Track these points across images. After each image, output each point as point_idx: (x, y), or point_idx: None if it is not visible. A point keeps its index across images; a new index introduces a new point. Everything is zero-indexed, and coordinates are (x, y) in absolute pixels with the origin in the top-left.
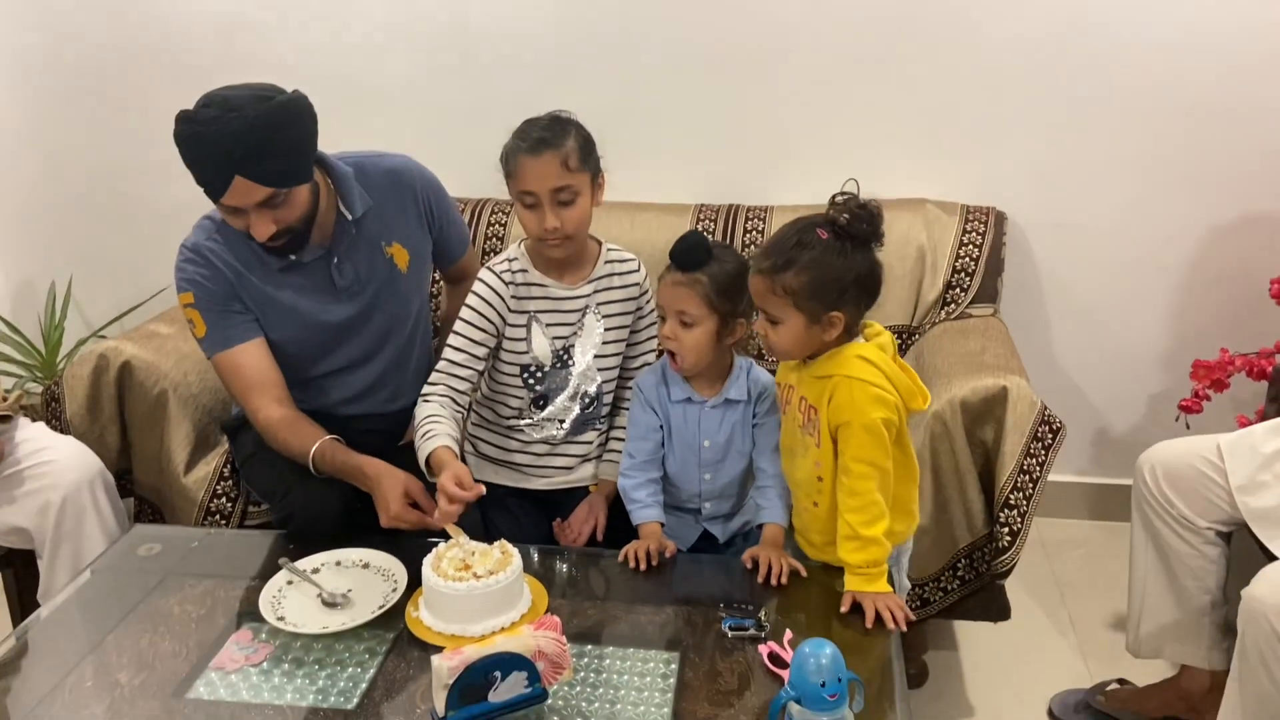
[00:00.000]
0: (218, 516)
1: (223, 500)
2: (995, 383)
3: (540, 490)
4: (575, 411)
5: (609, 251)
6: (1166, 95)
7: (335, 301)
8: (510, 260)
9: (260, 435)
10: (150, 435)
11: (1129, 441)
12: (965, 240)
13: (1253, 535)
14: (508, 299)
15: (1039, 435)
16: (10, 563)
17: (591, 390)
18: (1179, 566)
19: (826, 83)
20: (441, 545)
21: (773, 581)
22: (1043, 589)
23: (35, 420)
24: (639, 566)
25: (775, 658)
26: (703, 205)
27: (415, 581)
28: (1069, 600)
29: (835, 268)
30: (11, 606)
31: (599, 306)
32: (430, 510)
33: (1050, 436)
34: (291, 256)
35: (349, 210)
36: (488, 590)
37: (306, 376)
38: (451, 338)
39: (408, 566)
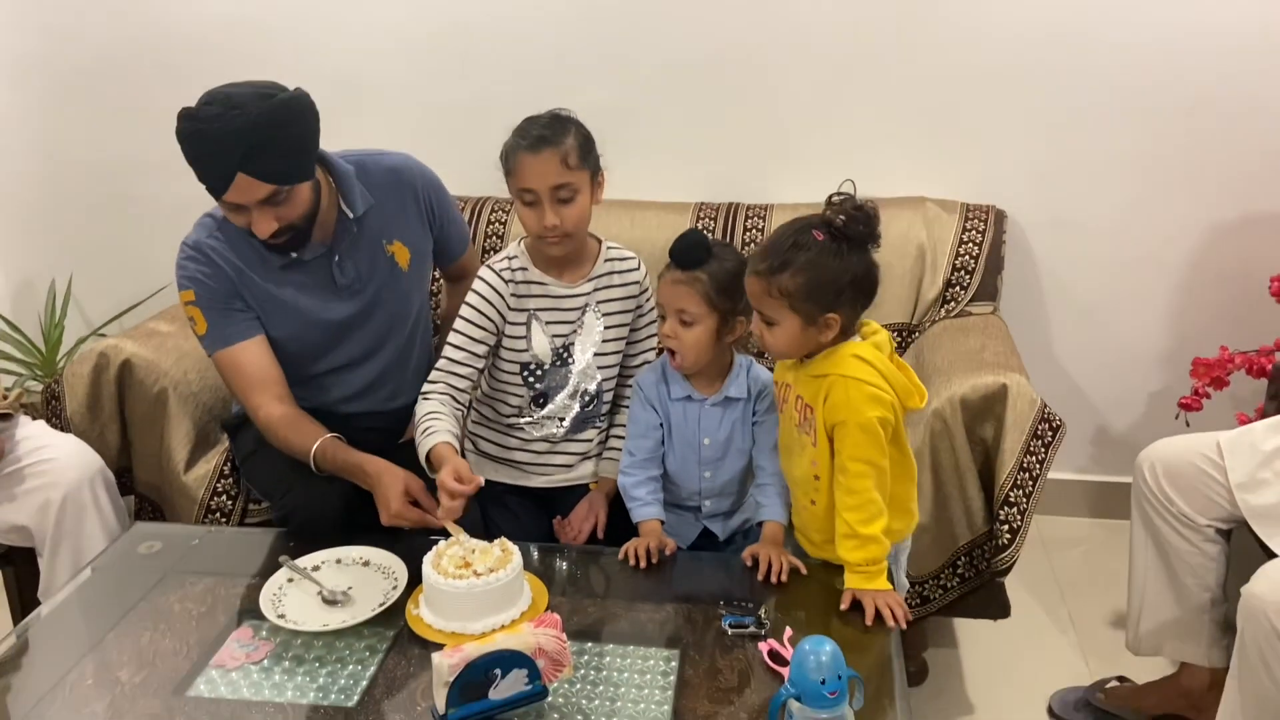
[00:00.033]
0: (218, 514)
1: (223, 498)
2: (995, 380)
3: (540, 488)
4: (575, 409)
5: (609, 250)
6: (1166, 94)
7: (336, 299)
8: (510, 258)
9: (261, 433)
10: (150, 433)
11: (1129, 439)
12: (965, 238)
13: (1252, 533)
14: (507, 297)
15: (1039, 433)
16: (11, 561)
17: (591, 388)
18: (1179, 564)
19: (827, 80)
20: (442, 543)
21: (773, 579)
22: (1043, 587)
23: (35, 418)
24: (639, 564)
25: (775, 655)
26: (703, 203)
27: (415, 579)
28: (1069, 598)
29: (831, 269)
30: (12, 604)
31: (599, 305)
32: (431, 509)
33: (1050, 434)
34: (293, 254)
35: (350, 208)
36: (488, 588)
37: (307, 374)
38: (451, 336)
39: (408, 564)
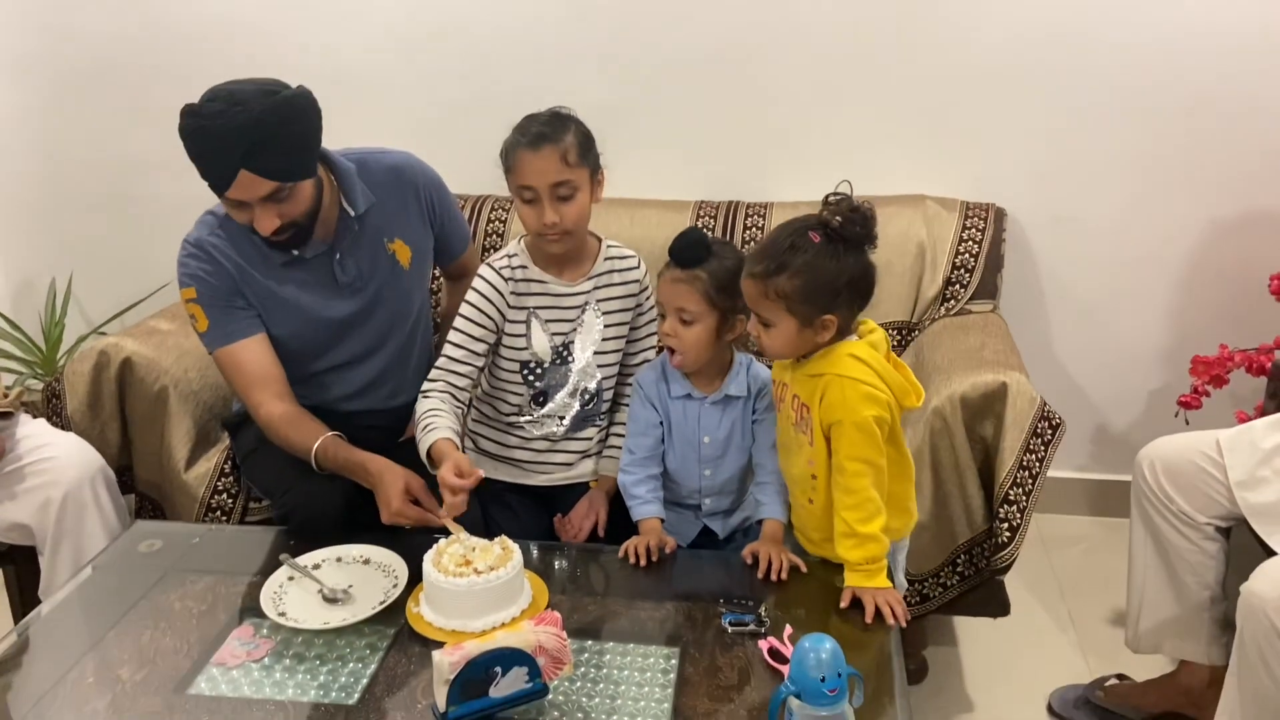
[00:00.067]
0: (219, 513)
1: (224, 496)
2: (995, 379)
3: (540, 486)
4: (575, 408)
5: (609, 248)
6: (1166, 94)
7: (337, 297)
8: (510, 256)
9: (261, 431)
10: (151, 431)
11: (1128, 437)
12: (965, 236)
13: (1252, 531)
14: (507, 295)
15: (1038, 431)
16: (11, 559)
17: (591, 387)
18: (1178, 562)
19: (827, 79)
20: (442, 541)
21: (773, 577)
22: (1042, 585)
23: (36, 417)
24: (639, 562)
25: (775, 653)
26: (702, 202)
27: (416, 577)
28: (1068, 596)
29: (828, 271)
30: (13, 603)
31: (599, 303)
32: (432, 507)
33: (1050, 432)
34: (294, 252)
35: (352, 206)
36: (488, 586)
37: (308, 372)
38: (451, 334)
39: (408, 562)
